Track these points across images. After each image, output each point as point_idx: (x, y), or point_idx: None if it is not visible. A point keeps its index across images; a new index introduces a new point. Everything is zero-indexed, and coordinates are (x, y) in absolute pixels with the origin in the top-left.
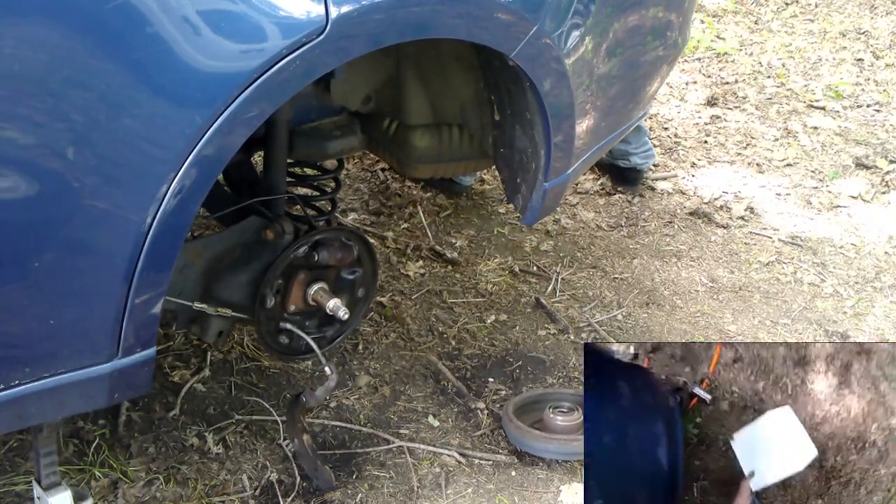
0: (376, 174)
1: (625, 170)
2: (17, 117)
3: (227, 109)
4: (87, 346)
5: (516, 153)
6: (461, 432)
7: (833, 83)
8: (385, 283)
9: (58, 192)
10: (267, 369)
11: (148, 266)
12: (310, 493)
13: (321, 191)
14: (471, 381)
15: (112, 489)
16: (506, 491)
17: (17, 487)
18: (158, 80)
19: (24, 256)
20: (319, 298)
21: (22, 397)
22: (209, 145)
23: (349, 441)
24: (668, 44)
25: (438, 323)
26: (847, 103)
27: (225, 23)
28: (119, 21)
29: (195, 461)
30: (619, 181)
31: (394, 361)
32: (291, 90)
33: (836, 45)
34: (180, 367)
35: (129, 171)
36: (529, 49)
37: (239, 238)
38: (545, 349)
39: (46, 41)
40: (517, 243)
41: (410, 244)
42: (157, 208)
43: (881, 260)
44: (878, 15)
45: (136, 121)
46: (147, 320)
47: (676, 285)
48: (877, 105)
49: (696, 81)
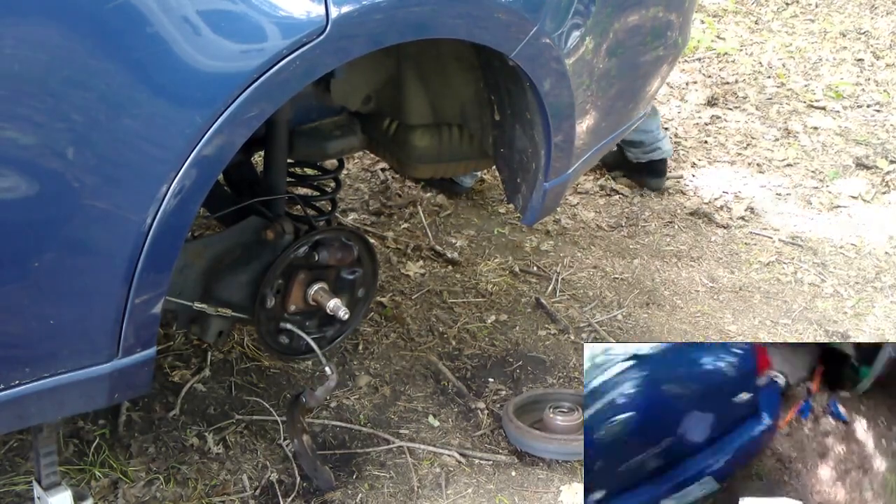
0: (376, 174)
1: (657, 162)
2: (17, 117)
3: (227, 109)
4: (87, 346)
5: (516, 153)
6: (461, 432)
7: (833, 83)
8: (385, 283)
9: (58, 192)
10: (267, 369)
11: (148, 266)
12: (310, 493)
13: (321, 191)
14: (471, 381)
15: (112, 489)
16: (506, 491)
17: (17, 487)
18: (158, 80)
19: (24, 256)
20: (319, 298)
21: (22, 397)
22: (209, 145)
23: (349, 441)
24: (668, 44)
25: (438, 323)
26: (847, 103)
27: (225, 23)
28: (119, 21)
29: (195, 461)
30: (650, 175)
31: (394, 361)
32: (291, 90)
33: (837, 45)
34: (180, 367)
35: (129, 171)
36: (529, 49)
37: (239, 238)
38: (545, 349)
39: (46, 41)
40: (517, 243)
41: (410, 244)
42: (157, 208)
43: (881, 260)
44: (879, 15)
45: (136, 121)
46: (147, 320)
47: (677, 285)
48: (877, 105)
49: (696, 81)
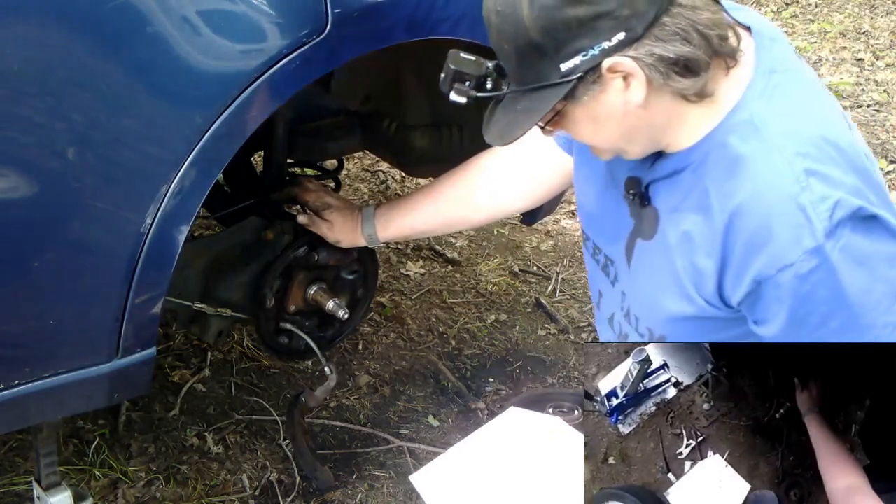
0: (376, 174)
1: None
2: (18, 117)
3: (228, 109)
4: (87, 346)
5: None
6: (461, 432)
7: (833, 83)
8: (385, 283)
9: (58, 192)
10: (267, 369)
11: (148, 266)
12: (310, 493)
13: None
14: (471, 381)
15: (112, 489)
16: None
17: (18, 487)
18: (158, 80)
19: (24, 256)
20: (319, 299)
21: (22, 397)
22: (209, 145)
23: (349, 441)
24: None
25: (438, 323)
26: (847, 103)
27: (225, 23)
28: (119, 21)
29: (195, 461)
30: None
31: (394, 361)
32: (291, 90)
33: (837, 45)
34: (180, 367)
35: (130, 170)
36: None
37: (239, 238)
38: (545, 349)
39: (46, 41)
40: (517, 243)
41: (410, 244)
42: (158, 208)
43: None
44: (878, 15)
45: (136, 121)
46: (147, 320)
47: None
48: (877, 105)
49: None
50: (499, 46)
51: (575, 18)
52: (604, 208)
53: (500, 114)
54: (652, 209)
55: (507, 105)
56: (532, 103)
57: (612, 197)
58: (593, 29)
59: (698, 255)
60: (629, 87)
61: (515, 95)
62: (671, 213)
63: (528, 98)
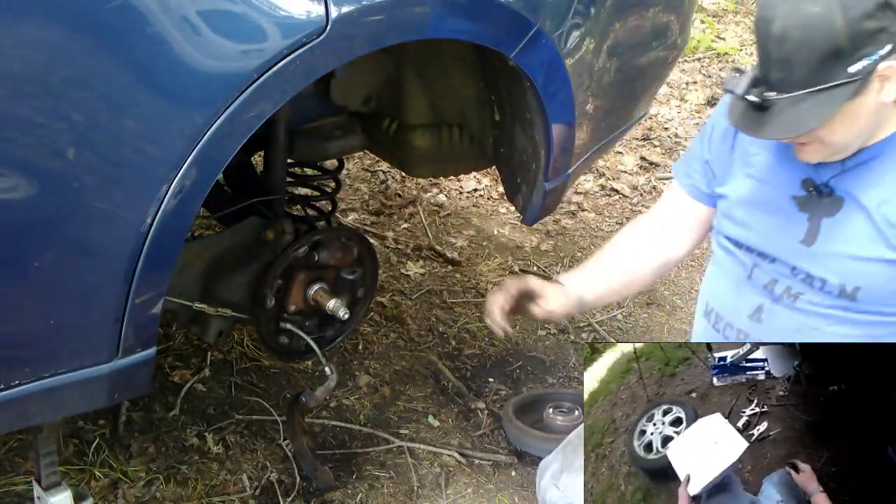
0: (376, 174)
1: None
2: (18, 117)
3: (228, 109)
4: (87, 346)
5: (516, 153)
6: (461, 432)
7: None
8: (385, 283)
9: (58, 192)
10: (267, 369)
11: (148, 266)
12: (310, 493)
13: (321, 191)
14: (471, 381)
15: (112, 489)
16: (506, 491)
17: (18, 487)
18: (159, 80)
19: (24, 256)
20: (319, 298)
21: (22, 397)
22: (209, 145)
23: (349, 441)
24: (668, 44)
25: (438, 323)
26: None
27: (225, 23)
28: (119, 21)
29: (195, 461)
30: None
31: (394, 361)
32: (291, 90)
33: None
34: (180, 367)
35: (130, 171)
36: (529, 49)
37: (239, 238)
38: (545, 349)
39: (46, 41)
40: (517, 243)
41: (410, 244)
42: (157, 208)
43: None
44: None
45: (136, 121)
46: (147, 320)
47: (676, 285)
48: None
49: (696, 81)
50: (791, 56)
51: (868, 30)
52: (774, 219)
53: (774, 114)
54: (832, 198)
55: (783, 106)
56: (825, 98)
57: (777, 208)
58: (876, 39)
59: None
60: (882, 89)
61: (800, 97)
62: (866, 189)
63: (815, 97)
